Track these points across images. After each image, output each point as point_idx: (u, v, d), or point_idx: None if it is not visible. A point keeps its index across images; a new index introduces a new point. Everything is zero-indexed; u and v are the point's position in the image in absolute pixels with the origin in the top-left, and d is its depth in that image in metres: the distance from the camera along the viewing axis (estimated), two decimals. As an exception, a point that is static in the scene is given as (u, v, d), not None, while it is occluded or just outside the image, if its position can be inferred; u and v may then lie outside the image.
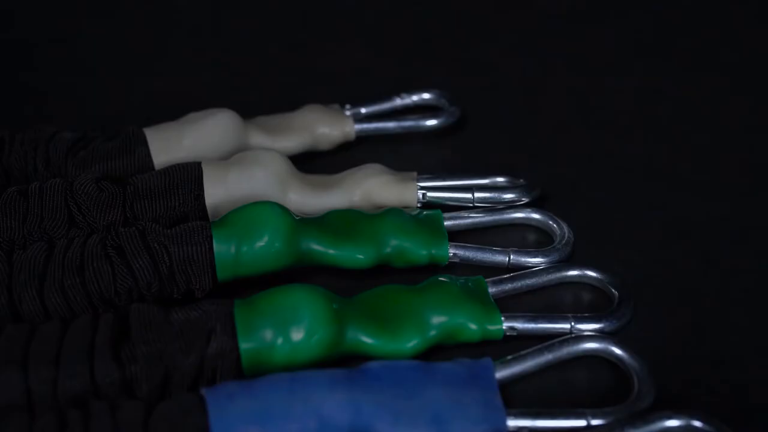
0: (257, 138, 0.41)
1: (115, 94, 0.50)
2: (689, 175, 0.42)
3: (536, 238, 0.38)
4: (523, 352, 0.31)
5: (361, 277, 0.35)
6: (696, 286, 0.36)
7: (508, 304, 0.34)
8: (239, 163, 0.37)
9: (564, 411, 0.29)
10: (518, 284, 0.34)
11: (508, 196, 0.38)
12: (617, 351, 0.31)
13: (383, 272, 0.35)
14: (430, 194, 0.38)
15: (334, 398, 0.28)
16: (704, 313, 0.34)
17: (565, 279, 0.35)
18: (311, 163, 0.42)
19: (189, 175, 0.37)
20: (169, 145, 0.39)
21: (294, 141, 0.41)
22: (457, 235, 0.37)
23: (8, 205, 0.35)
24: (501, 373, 0.30)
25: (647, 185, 0.41)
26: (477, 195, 0.38)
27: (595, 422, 0.29)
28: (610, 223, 0.39)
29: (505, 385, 0.30)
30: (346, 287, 0.33)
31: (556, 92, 0.49)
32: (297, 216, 0.35)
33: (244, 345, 0.30)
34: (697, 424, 0.28)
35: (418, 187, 0.38)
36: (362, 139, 0.44)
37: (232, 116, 0.40)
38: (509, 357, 0.30)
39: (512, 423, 0.28)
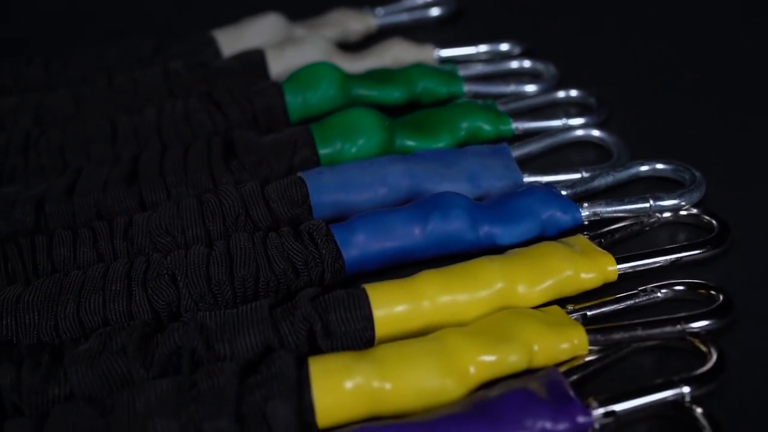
0: (299, 32, 0.51)
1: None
2: (654, 28, 0.53)
3: (530, 80, 0.48)
4: (528, 140, 0.41)
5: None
6: (659, 95, 0.46)
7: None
8: (293, 44, 0.47)
9: (564, 169, 0.39)
10: (520, 104, 0.44)
11: (504, 47, 0.48)
12: (599, 133, 0.42)
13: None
14: (443, 53, 0.48)
15: (395, 169, 0.38)
16: (664, 108, 0.45)
17: (555, 100, 0.45)
18: (343, 52, 0.52)
19: (254, 56, 0.47)
20: (233, 41, 0.49)
21: (329, 33, 0.52)
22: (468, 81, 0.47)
23: (122, 86, 0.45)
24: (515, 153, 0.40)
25: (619, 39, 0.52)
26: (480, 49, 0.48)
27: (587, 174, 0.39)
28: (590, 66, 0.49)
29: (519, 161, 0.40)
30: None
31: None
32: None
33: (322, 151, 0.40)
34: (660, 166, 0.39)
35: (433, 48, 0.48)
36: (381, 32, 0.54)
37: (279, 17, 0.51)
38: (518, 143, 0.41)
39: (527, 179, 0.38)
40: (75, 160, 0.41)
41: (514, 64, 0.48)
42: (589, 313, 0.32)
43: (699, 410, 0.28)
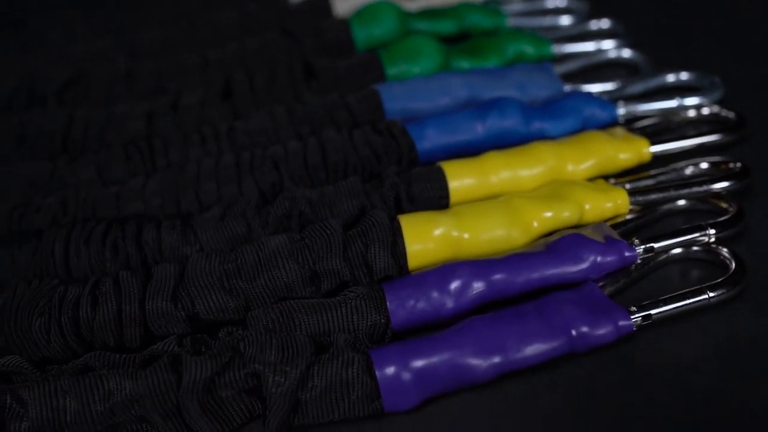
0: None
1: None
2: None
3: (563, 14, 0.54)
4: (566, 61, 0.47)
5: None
6: (681, 21, 0.52)
7: (553, 46, 0.50)
8: (356, -12, 0.54)
9: (600, 79, 0.45)
10: (557, 34, 0.50)
11: (539, -12, 0.55)
12: (629, 53, 0.47)
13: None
14: (486, -8, 0.55)
15: (455, 81, 0.44)
16: (686, 33, 0.51)
17: (590, 31, 0.51)
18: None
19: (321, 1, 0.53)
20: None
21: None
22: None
23: (204, 26, 0.52)
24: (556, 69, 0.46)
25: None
26: (520, -8, 0.55)
27: (624, 83, 0.45)
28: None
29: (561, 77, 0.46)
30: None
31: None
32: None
33: (390, 71, 0.46)
34: (684, 76, 0.44)
35: (478, -8, 0.55)
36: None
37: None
38: (557, 64, 0.47)
39: (567, 89, 0.44)
40: (172, 84, 0.47)
41: (549, 2, 0.54)
42: (628, 186, 0.37)
43: (725, 250, 0.34)
